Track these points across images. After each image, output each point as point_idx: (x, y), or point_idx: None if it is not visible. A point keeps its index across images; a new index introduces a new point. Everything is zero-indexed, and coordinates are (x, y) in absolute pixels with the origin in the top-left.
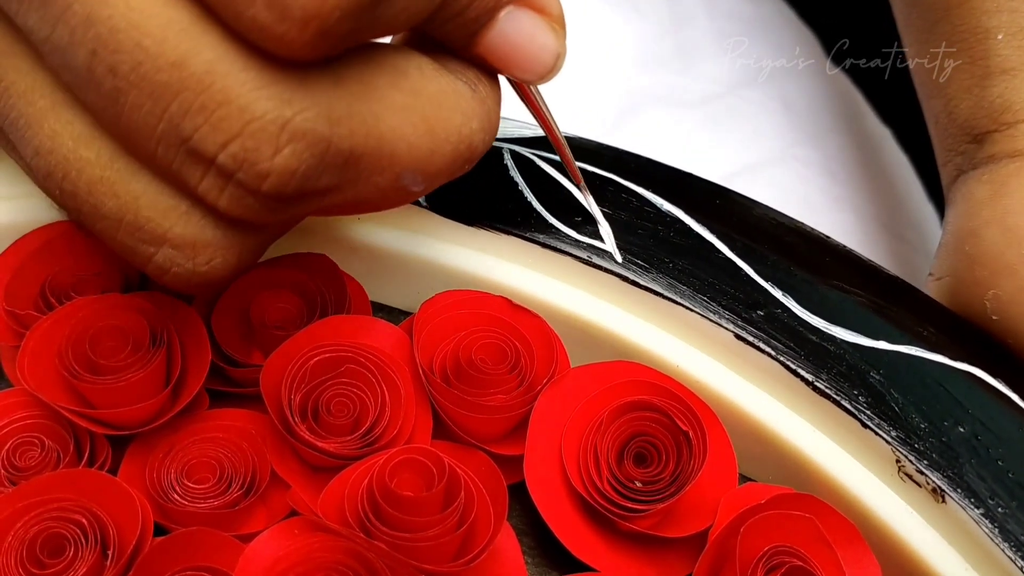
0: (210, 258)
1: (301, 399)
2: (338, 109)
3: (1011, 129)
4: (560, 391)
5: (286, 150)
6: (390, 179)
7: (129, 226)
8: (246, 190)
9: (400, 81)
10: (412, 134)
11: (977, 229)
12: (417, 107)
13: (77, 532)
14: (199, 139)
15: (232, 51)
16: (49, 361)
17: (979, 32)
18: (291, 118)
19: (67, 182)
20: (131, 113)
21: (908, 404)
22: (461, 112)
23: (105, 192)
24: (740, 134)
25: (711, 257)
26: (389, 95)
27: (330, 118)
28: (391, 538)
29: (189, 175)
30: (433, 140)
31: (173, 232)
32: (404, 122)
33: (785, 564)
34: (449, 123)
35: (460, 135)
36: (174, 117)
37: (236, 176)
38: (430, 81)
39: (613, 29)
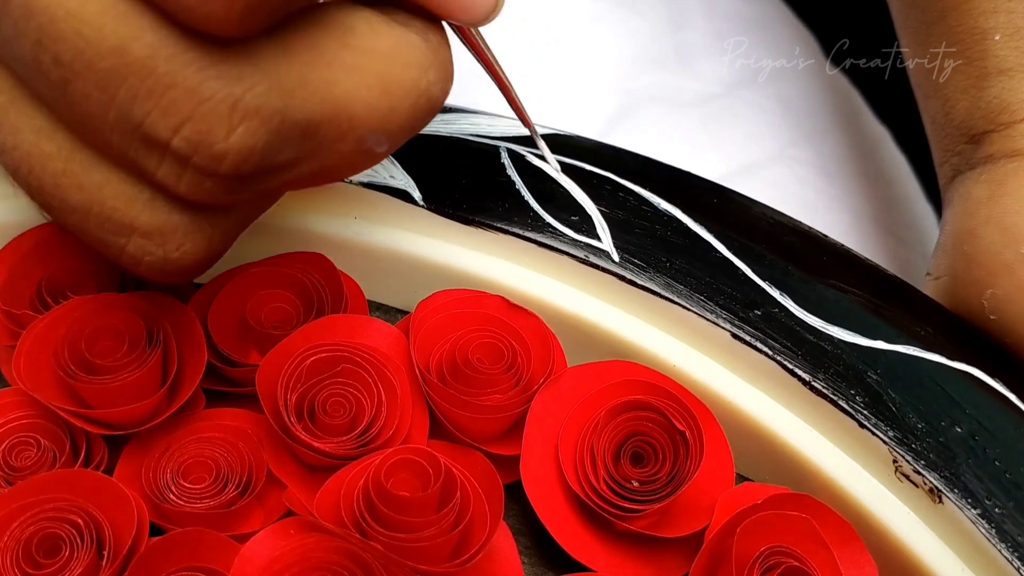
0: (179, 244)
1: (297, 399)
2: (289, 79)
3: (1008, 129)
4: (557, 391)
5: (240, 128)
6: (352, 143)
7: (97, 217)
8: (204, 173)
9: (350, 40)
10: (368, 95)
11: (975, 229)
12: (371, 65)
13: (73, 532)
14: (150, 125)
15: (174, 32)
16: (45, 361)
17: (976, 33)
18: (242, 95)
19: (33, 177)
20: (81, 103)
21: (905, 404)
22: (416, 65)
23: (70, 185)
24: (738, 134)
25: (708, 256)
26: (340, 57)
27: (282, 90)
28: (387, 538)
29: (146, 162)
30: (391, 98)
31: (140, 220)
32: (359, 83)
33: (781, 564)
34: (405, 78)
35: (418, 89)
36: (123, 104)
37: (192, 160)
38: (381, 36)
39: (611, 29)
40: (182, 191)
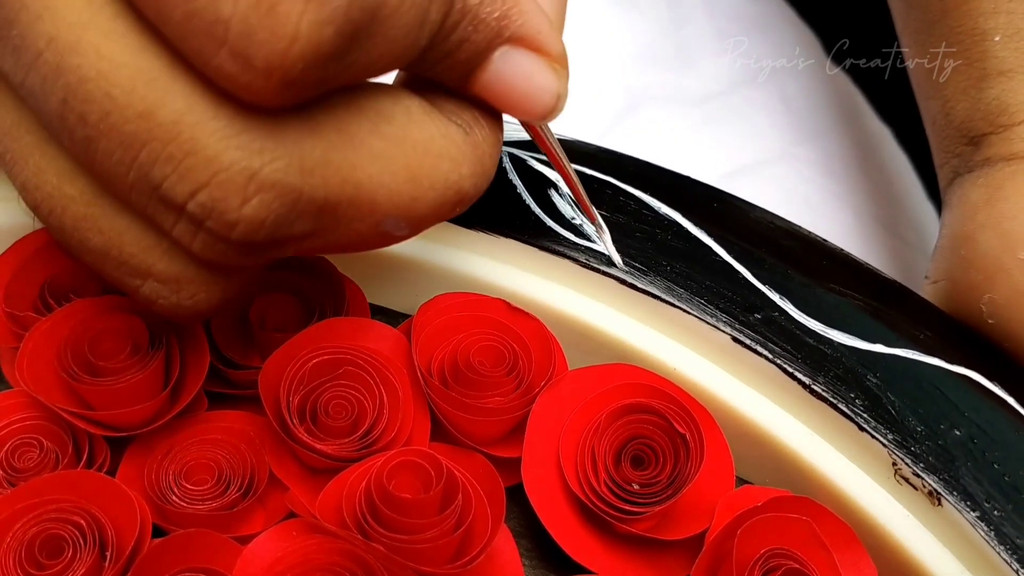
0: (193, 293)
1: (299, 401)
2: (311, 158)
3: (1007, 132)
4: (558, 394)
5: (254, 200)
6: (370, 225)
7: (115, 261)
8: (217, 237)
9: (383, 127)
10: (392, 182)
11: (972, 233)
12: (399, 155)
13: (75, 533)
14: (168, 188)
15: (203, 100)
16: (48, 363)
17: (976, 34)
18: (259, 169)
19: (53, 217)
20: (103, 160)
21: (904, 407)
22: (449, 159)
23: (90, 228)
24: (739, 133)
25: (709, 260)
26: (368, 142)
27: (302, 168)
28: (389, 540)
29: (162, 220)
30: (416, 188)
31: (157, 268)
32: (383, 170)
33: (782, 567)
34: (435, 170)
35: (447, 182)
36: (143, 166)
37: (206, 224)
38: (417, 126)
39: (613, 28)
40: (196, 250)
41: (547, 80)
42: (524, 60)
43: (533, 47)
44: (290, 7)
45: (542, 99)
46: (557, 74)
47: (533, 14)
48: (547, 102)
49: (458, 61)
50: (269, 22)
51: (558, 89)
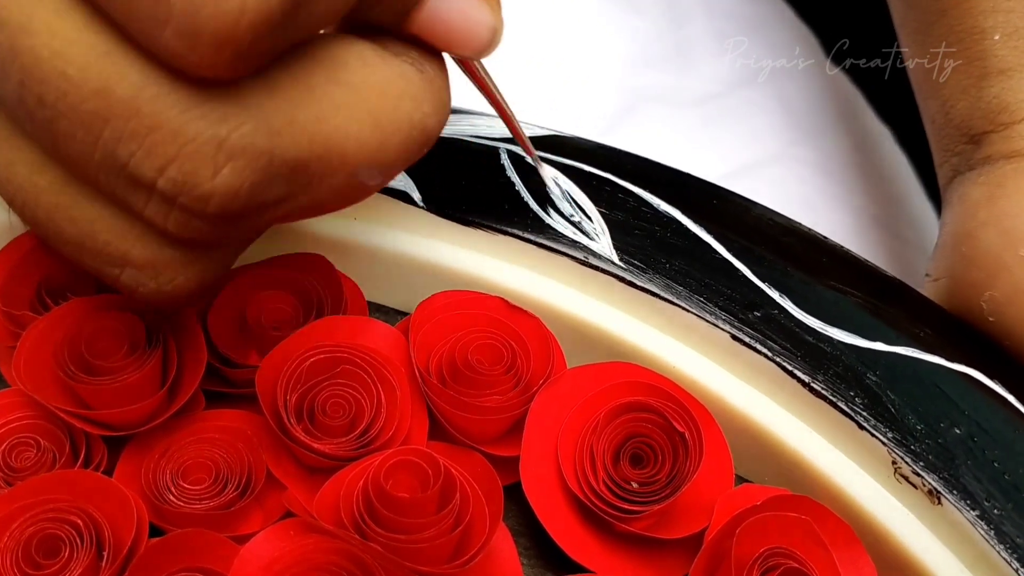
0: (172, 277)
1: (297, 400)
2: (277, 119)
3: (1007, 130)
4: (556, 392)
5: (225, 169)
6: (344, 178)
7: (91, 250)
8: (191, 213)
9: (340, 75)
10: (359, 130)
11: (973, 231)
12: (361, 101)
13: (73, 533)
14: (135, 165)
15: (158, 73)
16: (45, 362)
17: (976, 32)
18: (227, 136)
19: (27, 209)
20: (66, 142)
21: (904, 405)
22: (410, 98)
23: (63, 218)
24: (738, 133)
25: (708, 258)
26: (330, 93)
27: (269, 129)
28: (386, 539)
29: (133, 201)
30: (382, 132)
31: (132, 254)
32: (349, 119)
33: (781, 566)
34: (398, 112)
35: (411, 122)
36: (107, 144)
37: (178, 200)
38: (373, 70)
39: (611, 28)
40: (170, 229)
41: (482, 15)
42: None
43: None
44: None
45: (479, 34)
46: (491, 8)
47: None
48: (484, 36)
49: (395, 4)
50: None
51: (493, 23)
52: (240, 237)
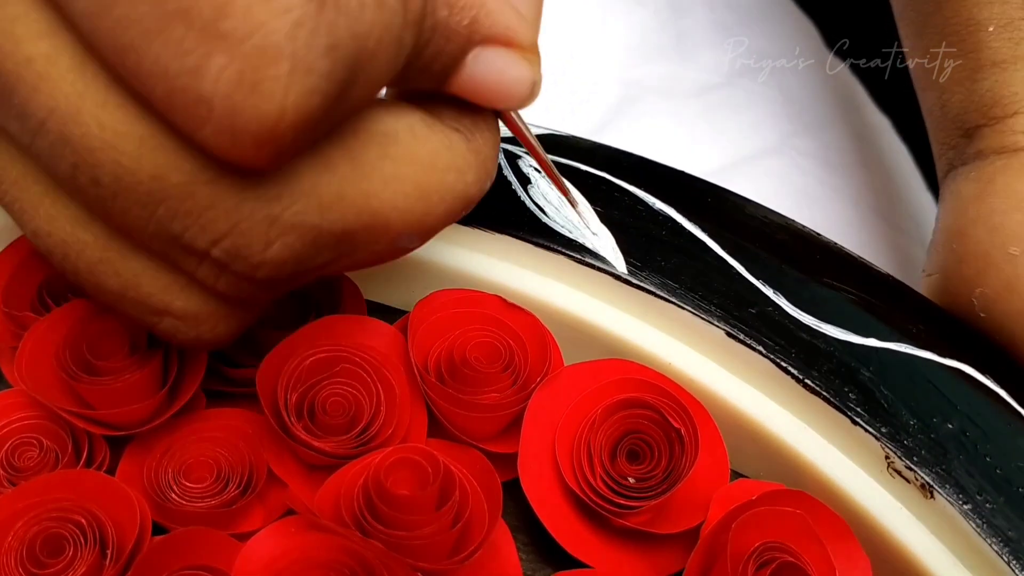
0: (213, 326)
1: (297, 399)
2: (327, 195)
3: (1000, 124)
4: (554, 389)
5: (276, 244)
6: (385, 245)
7: (132, 300)
8: (242, 277)
9: (390, 149)
10: (405, 202)
11: (964, 227)
12: (409, 174)
13: (76, 532)
14: (190, 238)
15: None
16: (47, 362)
17: (971, 24)
18: (280, 214)
19: (67, 262)
20: (121, 215)
21: (897, 401)
22: (455, 170)
23: (106, 272)
24: (738, 124)
25: (703, 256)
26: (379, 167)
27: (320, 206)
28: (387, 536)
29: (184, 264)
30: (427, 203)
31: (174, 306)
32: (396, 193)
33: (776, 560)
34: (443, 184)
35: (455, 192)
36: (162, 220)
37: (230, 267)
38: (422, 143)
39: (612, 19)
40: (220, 289)
41: (521, 71)
42: (496, 57)
43: (504, 43)
44: (274, 84)
45: (517, 90)
46: (530, 63)
47: (501, 13)
48: (522, 92)
49: (433, 72)
50: (254, 100)
51: (532, 77)
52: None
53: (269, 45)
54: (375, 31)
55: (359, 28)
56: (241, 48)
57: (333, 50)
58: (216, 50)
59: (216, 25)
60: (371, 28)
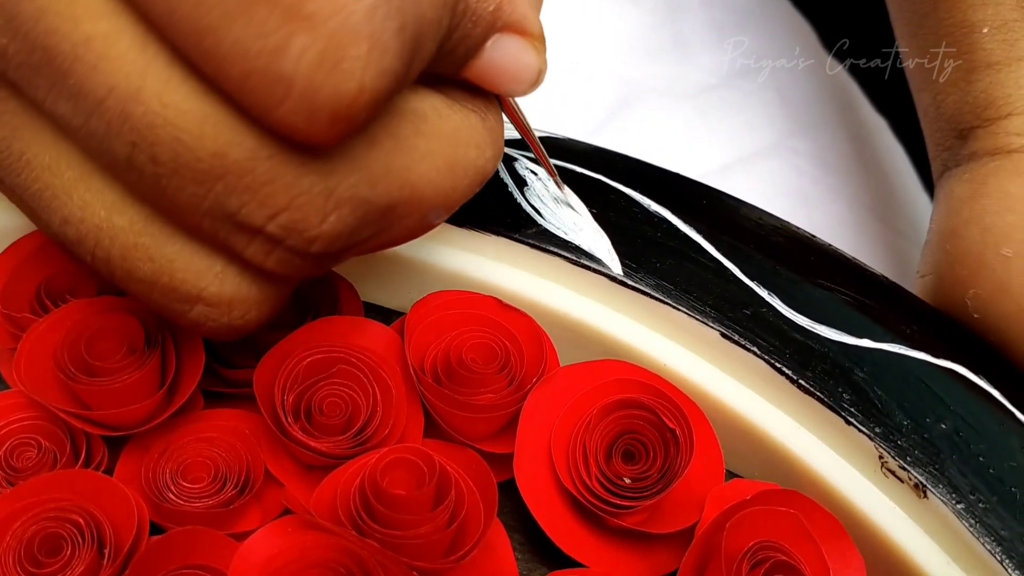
0: (245, 312)
1: (294, 399)
2: (376, 169)
3: (993, 125)
4: (549, 390)
5: (332, 216)
6: (418, 219)
7: (164, 288)
8: (294, 252)
9: (422, 126)
10: (437, 176)
11: (957, 228)
12: (439, 150)
13: (74, 532)
14: (246, 214)
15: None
16: (45, 363)
17: (965, 26)
18: (335, 187)
19: (100, 249)
20: (175, 194)
21: (891, 401)
22: (475, 144)
23: (140, 257)
24: (735, 125)
25: (698, 257)
26: (415, 143)
27: (371, 179)
28: (383, 536)
29: (236, 242)
30: (455, 177)
31: (208, 292)
32: (430, 167)
33: (770, 559)
34: (467, 159)
35: (476, 167)
36: (219, 196)
37: (285, 243)
38: (446, 120)
39: (608, 19)
40: (270, 266)
41: (531, 59)
42: (512, 44)
43: (519, 31)
44: (353, 63)
45: (527, 77)
46: (538, 51)
47: (520, 2)
48: (531, 78)
49: (457, 56)
50: (334, 79)
51: (540, 65)
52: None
53: (350, 25)
54: (429, 12)
55: (419, 10)
56: (323, 28)
57: (403, 31)
58: (299, 30)
59: (300, 7)
60: (427, 10)
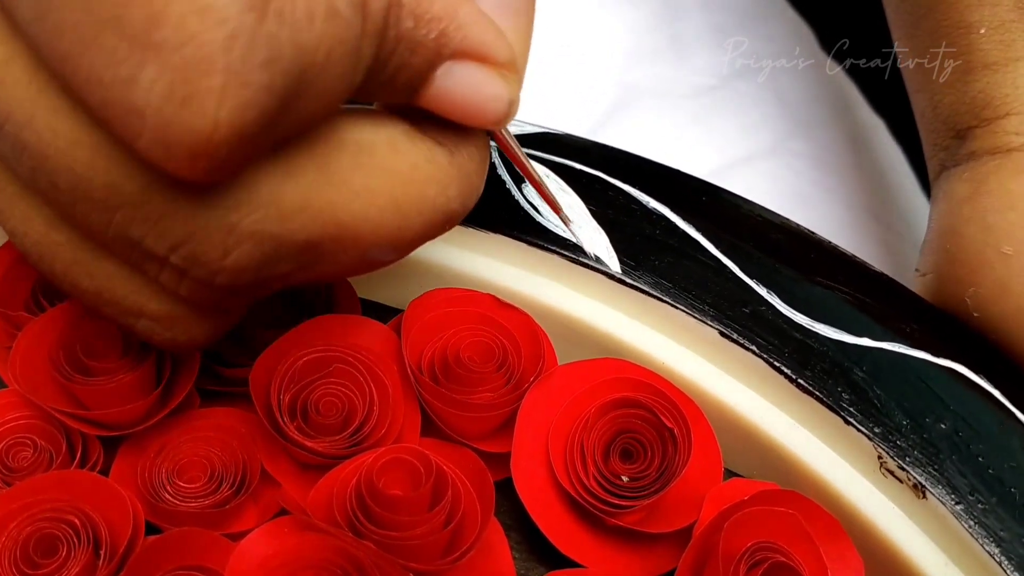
0: (187, 329)
1: (290, 399)
2: (291, 203)
3: (991, 125)
4: (547, 388)
5: (235, 252)
6: (355, 257)
7: (107, 301)
8: (201, 283)
9: (364, 160)
10: (378, 215)
11: (957, 227)
12: (383, 187)
13: (70, 532)
14: (148, 244)
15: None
16: (41, 362)
17: (962, 26)
18: (237, 223)
19: (43, 263)
20: (82, 219)
21: (890, 401)
22: (435, 183)
23: (80, 273)
24: (733, 126)
25: (697, 255)
26: (350, 179)
27: (280, 215)
28: (379, 537)
29: (147, 268)
30: (403, 217)
31: (148, 307)
32: (368, 205)
33: (768, 559)
34: (421, 197)
35: (434, 207)
36: (120, 225)
37: (189, 273)
38: (401, 155)
39: (606, 20)
40: (183, 294)
41: (496, 88)
42: (468, 72)
43: (478, 58)
44: (206, 97)
45: (493, 107)
46: (506, 80)
47: (475, 25)
48: (498, 109)
49: (399, 84)
50: (185, 113)
51: (509, 95)
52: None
53: (202, 57)
54: (324, 43)
55: (305, 40)
56: (172, 59)
57: (272, 63)
58: (148, 60)
59: (148, 35)
60: (320, 40)
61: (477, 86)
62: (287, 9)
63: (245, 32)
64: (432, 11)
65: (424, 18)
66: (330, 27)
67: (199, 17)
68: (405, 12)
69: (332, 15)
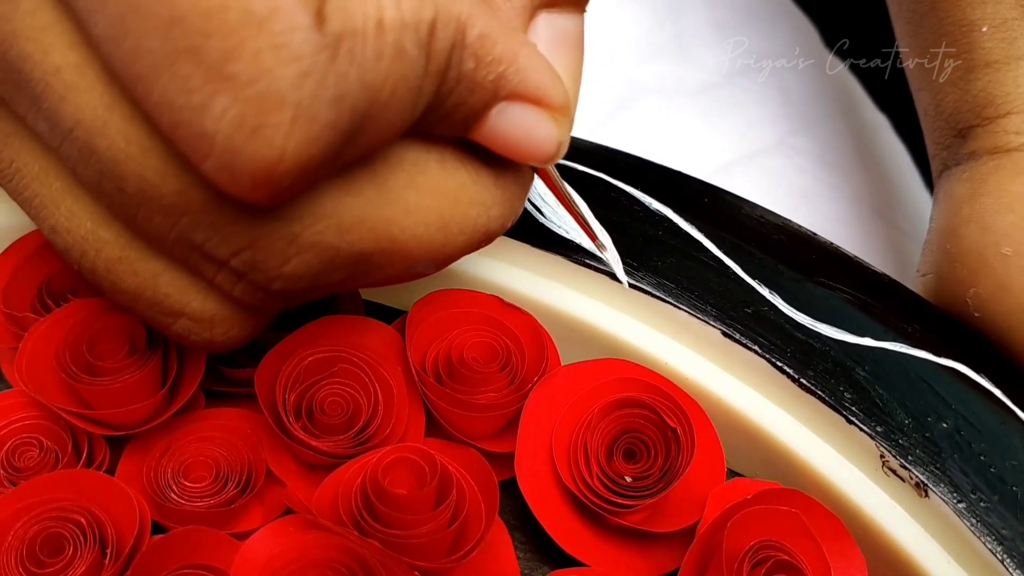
0: (227, 330)
1: (295, 399)
2: (348, 218)
3: (992, 124)
4: (550, 389)
5: (294, 260)
6: (400, 269)
7: (148, 301)
8: (257, 287)
9: (418, 179)
10: (425, 231)
11: (957, 227)
12: (432, 205)
13: (76, 531)
14: (210, 248)
15: None
16: (47, 363)
17: (964, 24)
18: (299, 233)
19: (86, 260)
20: (144, 222)
21: (892, 400)
22: (479, 204)
23: (125, 271)
24: (737, 123)
25: (699, 256)
26: (404, 196)
27: (340, 228)
28: (384, 535)
29: (205, 270)
30: (447, 234)
31: (191, 308)
32: (418, 222)
33: (771, 558)
34: (465, 217)
35: (476, 226)
36: (184, 229)
37: (247, 277)
38: (450, 175)
39: (611, 17)
40: (236, 295)
41: (546, 130)
42: (522, 114)
43: (533, 101)
44: (275, 131)
45: (542, 148)
46: (558, 123)
47: (532, 70)
48: (547, 150)
49: (455, 120)
50: (253, 144)
51: (558, 137)
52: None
53: (273, 92)
54: (390, 82)
55: (372, 78)
56: (245, 92)
57: (340, 100)
58: (221, 91)
59: (223, 67)
60: (386, 79)
61: (529, 127)
62: (358, 49)
63: (317, 70)
64: (494, 53)
65: (485, 60)
66: (396, 66)
67: (274, 54)
68: (468, 53)
69: (399, 54)
